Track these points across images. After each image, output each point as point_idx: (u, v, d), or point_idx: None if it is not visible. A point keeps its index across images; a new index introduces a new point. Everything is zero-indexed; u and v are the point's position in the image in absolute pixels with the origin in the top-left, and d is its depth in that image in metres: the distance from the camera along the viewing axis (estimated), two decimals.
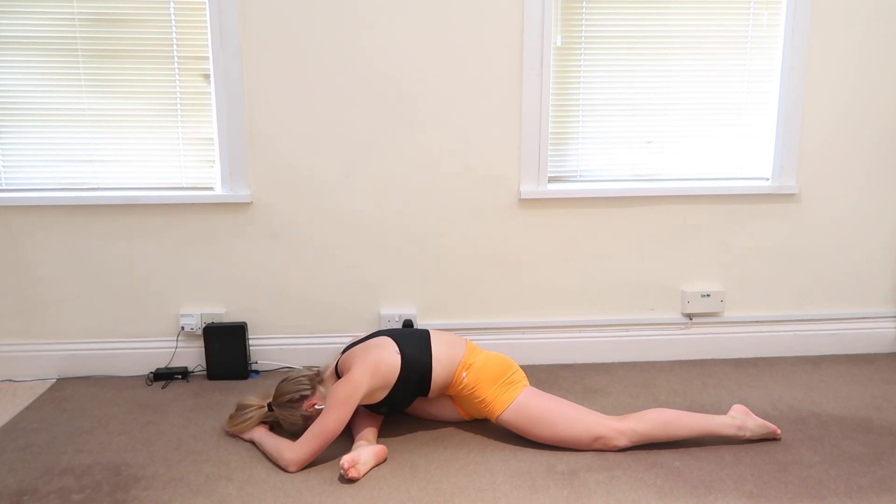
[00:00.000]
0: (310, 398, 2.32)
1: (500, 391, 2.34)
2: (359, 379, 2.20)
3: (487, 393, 2.34)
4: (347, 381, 2.20)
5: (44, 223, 2.94)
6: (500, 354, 2.44)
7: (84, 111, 2.88)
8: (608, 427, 2.25)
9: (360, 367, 2.22)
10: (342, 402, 2.17)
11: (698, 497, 2.03)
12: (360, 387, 2.20)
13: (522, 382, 2.38)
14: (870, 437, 2.39)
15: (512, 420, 2.32)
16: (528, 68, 2.91)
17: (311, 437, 2.18)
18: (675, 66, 2.99)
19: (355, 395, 2.19)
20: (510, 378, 2.37)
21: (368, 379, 2.22)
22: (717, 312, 3.17)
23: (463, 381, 2.36)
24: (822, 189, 3.11)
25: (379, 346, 2.30)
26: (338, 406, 2.17)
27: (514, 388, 2.35)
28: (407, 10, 2.86)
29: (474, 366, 2.36)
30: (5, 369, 3.01)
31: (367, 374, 2.22)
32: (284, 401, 2.32)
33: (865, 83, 3.04)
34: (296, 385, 2.33)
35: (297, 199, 2.98)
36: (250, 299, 3.04)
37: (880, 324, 3.23)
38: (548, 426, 2.27)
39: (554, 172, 3.03)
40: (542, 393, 2.35)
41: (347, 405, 2.18)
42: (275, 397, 2.36)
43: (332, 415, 2.17)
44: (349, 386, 2.19)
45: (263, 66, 2.87)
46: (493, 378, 2.35)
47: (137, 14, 2.82)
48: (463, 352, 2.40)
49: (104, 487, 2.11)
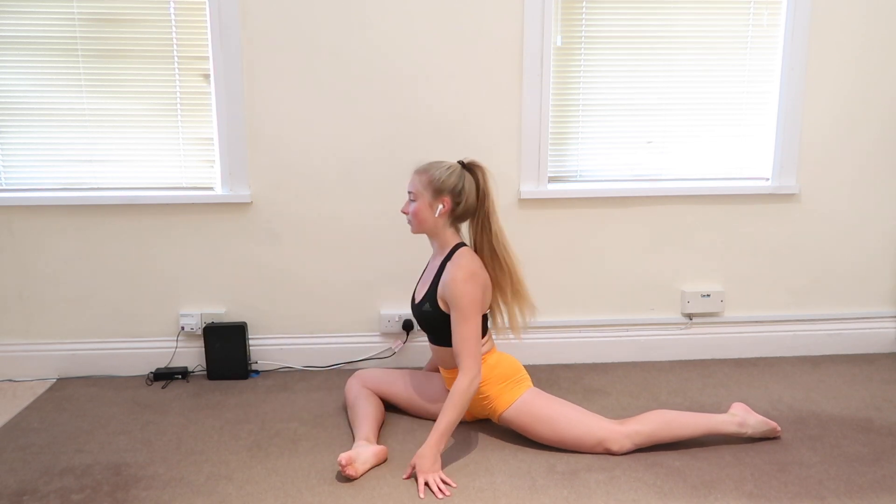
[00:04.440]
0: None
1: (506, 389, 2.34)
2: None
3: (493, 390, 2.34)
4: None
5: (44, 223, 2.94)
6: (512, 357, 2.43)
7: (84, 111, 2.88)
8: (612, 430, 2.24)
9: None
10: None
11: (698, 497, 2.03)
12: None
13: (527, 383, 2.38)
14: (870, 437, 2.39)
15: (514, 418, 2.31)
16: (528, 68, 2.91)
17: (464, 351, 2.21)
18: (675, 66, 2.99)
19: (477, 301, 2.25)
20: (517, 378, 2.37)
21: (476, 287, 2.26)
22: (717, 312, 3.17)
23: None
24: (822, 189, 3.11)
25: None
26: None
27: (519, 387, 2.35)
28: (407, 10, 2.86)
29: (488, 362, 2.35)
30: (5, 369, 3.01)
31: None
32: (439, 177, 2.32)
33: (865, 83, 3.04)
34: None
35: (297, 199, 2.98)
36: (250, 299, 3.04)
37: (880, 324, 3.23)
38: (551, 426, 2.27)
39: (554, 172, 3.03)
40: (546, 394, 2.35)
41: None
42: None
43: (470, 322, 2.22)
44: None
45: (263, 66, 2.87)
46: (502, 377, 2.35)
47: (137, 14, 2.82)
48: (489, 348, 2.39)
49: (104, 487, 2.11)
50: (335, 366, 3.09)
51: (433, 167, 2.34)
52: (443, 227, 2.36)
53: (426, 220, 2.34)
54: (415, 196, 2.34)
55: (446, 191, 2.31)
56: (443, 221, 2.35)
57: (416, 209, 2.34)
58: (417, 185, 2.34)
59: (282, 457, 2.29)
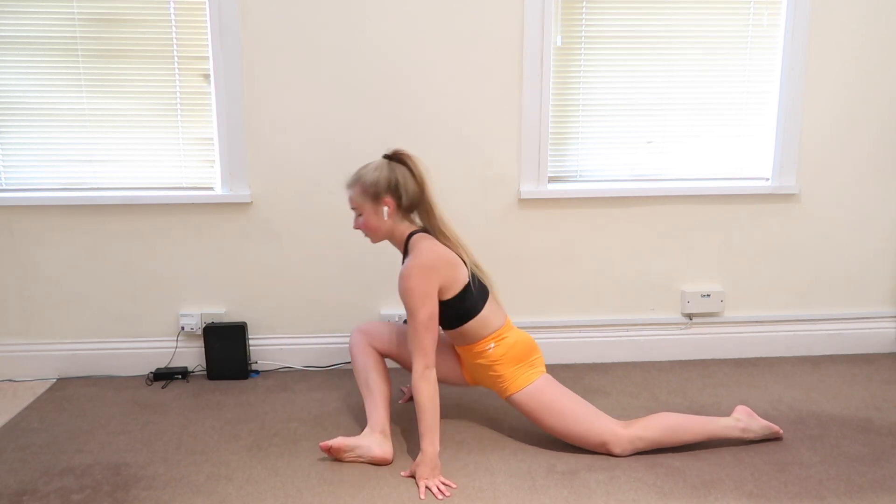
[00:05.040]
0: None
1: (520, 371, 2.29)
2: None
3: (507, 370, 2.29)
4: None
5: (44, 223, 2.94)
6: (529, 336, 2.35)
7: (84, 111, 2.88)
8: (616, 434, 2.23)
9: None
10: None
11: (698, 497, 2.03)
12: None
13: (541, 368, 2.33)
14: (870, 437, 2.39)
15: (523, 402, 2.28)
16: (528, 68, 2.91)
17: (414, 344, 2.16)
18: (675, 66, 2.99)
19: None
20: (532, 361, 2.32)
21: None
22: (717, 312, 3.17)
23: (488, 351, 2.29)
24: (822, 189, 3.11)
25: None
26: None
27: (533, 371, 2.30)
28: (407, 10, 2.86)
29: (506, 341, 2.28)
30: (5, 369, 3.01)
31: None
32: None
33: (865, 83, 3.04)
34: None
35: (297, 199, 2.98)
36: (250, 299, 3.04)
37: (880, 324, 3.23)
38: (558, 417, 2.24)
39: (554, 172, 3.03)
40: (557, 383, 2.31)
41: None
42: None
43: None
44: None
45: (263, 66, 2.87)
46: (518, 358, 2.29)
47: (137, 14, 2.82)
48: (501, 322, 2.31)
49: (104, 487, 2.11)
50: (335, 366, 3.09)
51: (361, 174, 2.28)
52: (398, 226, 2.30)
53: (380, 227, 2.28)
54: (358, 209, 2.28)
55: (383, 190, 2.24)
56: (393, 221, 2.28)
57: (364, 222, 2.29)
58: (356, 198, 2.28)
59: (282, 457, 2.29)
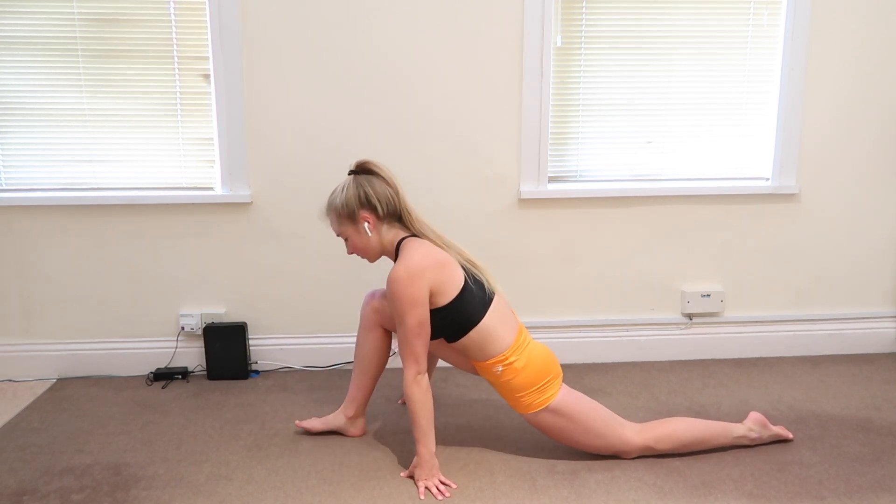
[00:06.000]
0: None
1: (530, 396, 2.15)
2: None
3: (515, 394, 2.18)
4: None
5: (44, 223, 2.94)
6: (546, 352, 2.20)
7: (84, 111, 2.88)
8: (627, 444, 2.20)
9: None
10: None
11: (698, 497, 2.03)
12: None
13: (555, 390, 2.17)
14: (870, 437, 2.39)
15: (532, 422, 2.21)
16: (528, 68, 2.91)
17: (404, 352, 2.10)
18: (675, 66, 2.99)
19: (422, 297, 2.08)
20: (544, 385, 2.15)
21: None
22: (717, 312, 3.17)
23: (495, 373, 2.16)
24: (822, 189, 3.11)
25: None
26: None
27: (544, 395, 2.15)
28: (407, 10, 2.86)
29: (514, 365, 2.13)
30: (5, 369, 3.01)
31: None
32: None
33: (865, 83, 3.04)
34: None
35: (297, 199, 2.98)
36: (250, 299, 3.04)
37: (880, 324, 3.23)
38: (568, 439, 2.21)
39: (554, 172, 3.03)
40: (572, 403, 2.17)
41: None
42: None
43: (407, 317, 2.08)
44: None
45: (263, 66, 2.87)
46: (528, 384, 2.14)
47: (137, 14, 2.82)
48: (509, 342, 2.15)
49: (104, 487, 2.11)
50: (335, 366, 3.09)
51: (331, 200, 2.22)
52: (385, 237, 2.21)
53: (368, 245, 2.21)
54: (343, 234, 2.22)
55: (356, 207, 2.17)
56: (378, 234, 2.19)
57: (353, 245, 2.22)
58: (335, 225, 2.23)
59: (282, 457, 2.29)
